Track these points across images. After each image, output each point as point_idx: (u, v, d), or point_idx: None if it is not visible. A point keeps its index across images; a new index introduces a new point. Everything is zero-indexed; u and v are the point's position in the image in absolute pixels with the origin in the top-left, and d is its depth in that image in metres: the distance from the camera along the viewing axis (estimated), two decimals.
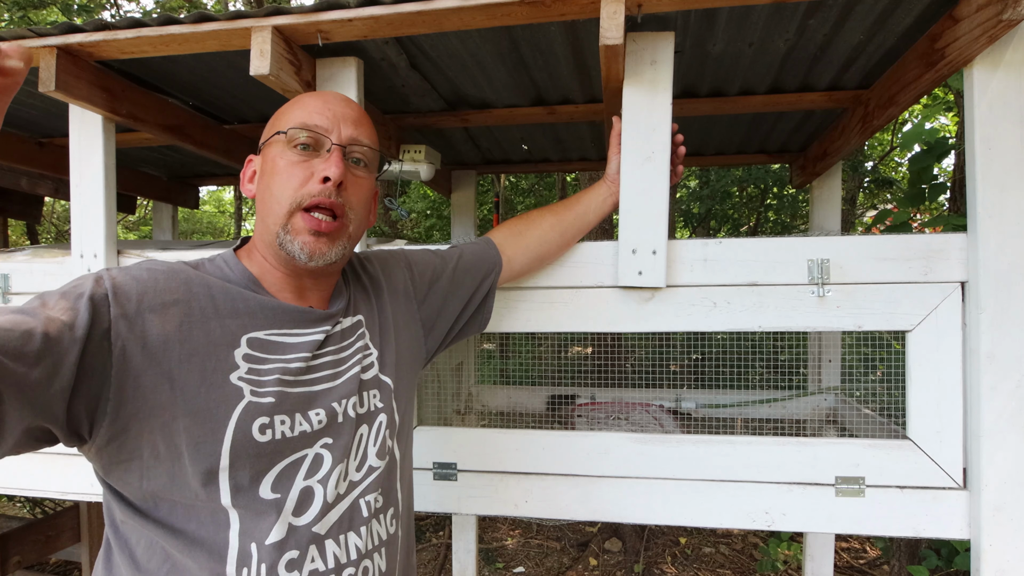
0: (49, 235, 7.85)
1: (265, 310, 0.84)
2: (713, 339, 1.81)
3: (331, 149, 0.86)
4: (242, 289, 0.84)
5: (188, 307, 0.77)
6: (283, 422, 0.79)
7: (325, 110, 0.87)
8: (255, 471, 0.77)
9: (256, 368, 0.80)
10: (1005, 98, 1.18)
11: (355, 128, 0.88)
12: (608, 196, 1.35)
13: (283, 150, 0.86)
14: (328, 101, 0.89)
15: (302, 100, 0.89)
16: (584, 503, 1.38)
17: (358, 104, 0.93)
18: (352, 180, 0.88)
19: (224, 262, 0.88)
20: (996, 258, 1.19)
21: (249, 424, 0.76)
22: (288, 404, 0.80)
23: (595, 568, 3.60)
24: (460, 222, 2.83)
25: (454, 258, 1.16)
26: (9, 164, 2.16)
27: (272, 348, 0.82)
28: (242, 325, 0.81)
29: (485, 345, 2.71)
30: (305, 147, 0.86)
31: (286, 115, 0.89)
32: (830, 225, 2.24)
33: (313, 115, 0.86)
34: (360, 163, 0.90)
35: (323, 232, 0.84)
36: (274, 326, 0.84)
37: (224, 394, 0.76)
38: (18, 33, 1.34)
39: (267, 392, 0.79)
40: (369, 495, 0.88)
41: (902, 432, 1.30)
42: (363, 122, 0.91)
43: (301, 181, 0.84)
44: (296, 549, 0.78)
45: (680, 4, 1.15)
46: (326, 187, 0.84)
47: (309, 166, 0.85)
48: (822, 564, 2.15)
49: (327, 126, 0.86)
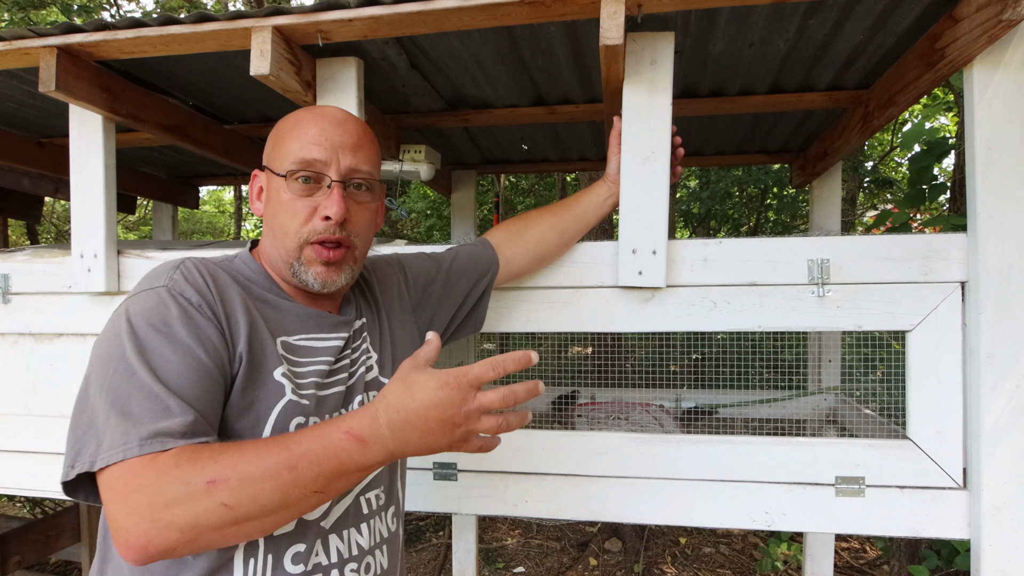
0: (49, 235, 7.85)
1: (291, 314, 0.86)
2: (713, 339, 1.81)
3: (331, 186, 0.85)
4: (266, 292, 0.86)
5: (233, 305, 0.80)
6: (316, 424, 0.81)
7: (322, 139, 0.85)
8: None
9: (292, 370, 0.82)
10: (1005, 98, 1.18)
11: (353, 155, 0.86)
12: (608, 196, 1.35)
13: (286, 183, 0.85)
14: (325, 129, 0.86)
15: (300, 129, 0.86)
16: (584, 503, 1.38)
17: (357, 120, 0.91)
18: (355, 208, 0.87)
19: (244, 264, 0.89)
20: (996, 258, 1.19)
21: (286, 423, 0.78)
22: (320, 407, 0.83)
23: (595, 568, 3.60)
24: (460, 222, 2.83)
25: (448, 260, 1.17)
26: (9, 164, 2.16)
27: (301, 352, 0.84)
28: (274, 327, 0.83)
29: (485, 345, 2.71)
30: (306, 180, 0.85)
31: (285, 144, 0.86)
32: (830, 225, 2.24)
33: (311, 148, 0.84)
34: (362, 187, 0.89)
35: (333, 261, 0.86)
36: (301, 330, 0.86)
37: (268, 390, 0.78)
38: (18, 33, 1.34)
39: (306, 394, 0.81)
40: (370, 492, 0.90)
41: (902, 432, 1.30)
42: (362, 144, 0.89)
43: (305, 218, 0.84)
44: (303, 543, 0.79)
45: (680, 4, 1.15)
46: (328, 224, 0.84)
47: (312, 201, 0.85)
48: (822, 564, 2.15)
49: (325, 158, 0.84)
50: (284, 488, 0.63)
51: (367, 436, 0.65)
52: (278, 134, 0.89)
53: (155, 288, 0.76)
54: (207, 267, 0.82)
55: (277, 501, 0.63)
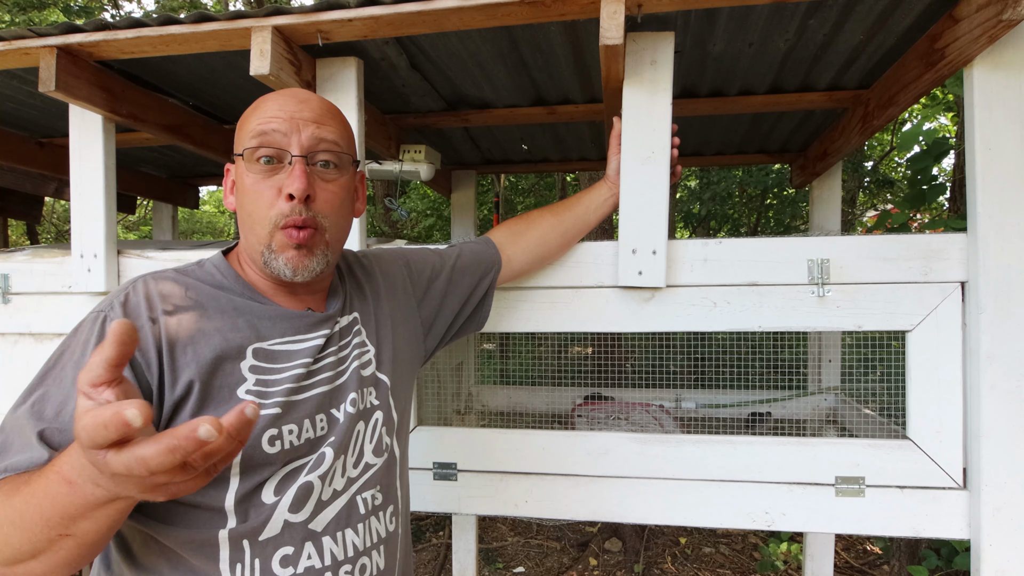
0: (49, 235, 7.85)
1: (264, 319, 0.83)
2: (713, 339, 1.81)
3: (292, 161, 0.80)
4: (236, 297, 0.83)
5: (189, 328, 0.77)
6: (291, 431, 0.80)
7: (280, 112, 0.81)
8: (262, 478, 0.78)
9: (264, 379, 0.79)
10: (1005, 98, 1.18)
11: (316, 127, 0.82)
12: (609, 196, 1.35)
13: (248, 166, 0.82)
14: (283, 103, 0.82)
15: (259, 104, 0.83)
16: (584, 503, 1.38)
17: (322, 99, 0.86)
18: (321, 187, 0.83)
19: (215, 268, 0.86)
20: (996, 258, 1.19)
21: (259, 437, 0.77)
22: (295, 412, 0.81)
23: (595, 568, 3.60)
24: (460, 222, 2.83)
25: (453, 257, 1.16)
26: (9, 164, 2.16)
27: (277, 357, 0.82)
28: (245, 337, 0.80)
29: (485, 345, 2.71)
30: (268, 160, 0.81)
31: (247, 124, 0.83)
32: (830, 225, 2.24)
33: (269, 121, 0.80)
34: (329, 165, 0.84)
35: (303, 243, 0.82)
36: (276, 334, 0.83)
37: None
38: (18, 33, 1.34)
39: (273, 403, 0.79)
40: (366, 492, 0.88)
41: (902, 432, 1.30)
42: (326, 118, 0.84)
43: (269, 201, 0.81)
44: (290, 545, 0.78)
45: (680, 4, 1.15)
46: (293, 205, 0.80)
47: (275, 182, 0.81)
48: (822, 564, 2.15)
49: (284, 130, 0.80)
50: (27, 532, 0.59)
51: (75, 477, 0.56)
52: (242, 118, 0.85)
53: (96, 311, 0.76)
54: (162, 289, 0.78)
55: (27, 547, 0.60)
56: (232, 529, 0.76)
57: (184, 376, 0.74)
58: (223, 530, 0.75)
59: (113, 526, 0.62)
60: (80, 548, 0.61)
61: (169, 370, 0.74)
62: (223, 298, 0.82)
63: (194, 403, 0.74)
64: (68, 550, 0.60)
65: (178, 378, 0.74)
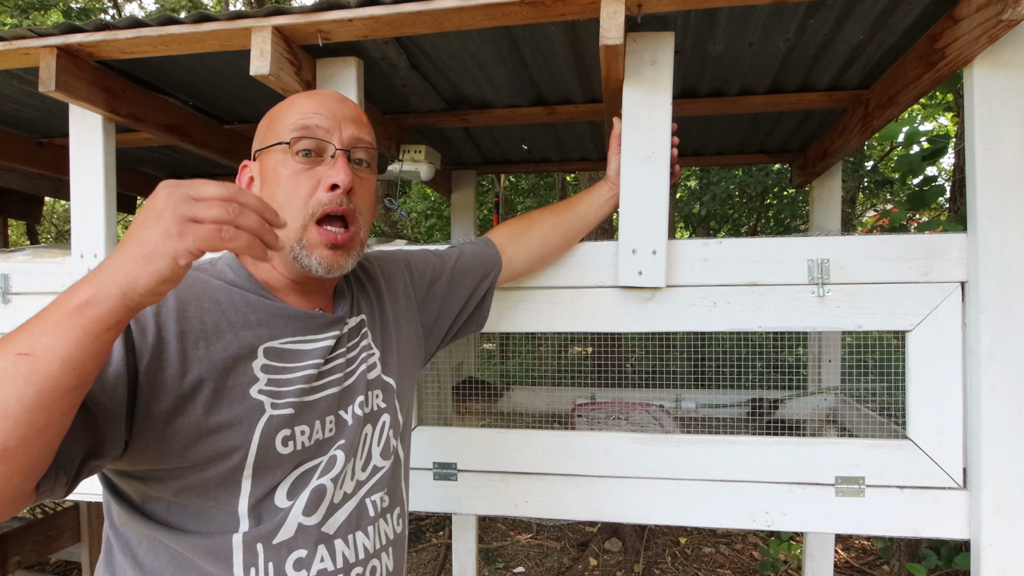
0: (49, 235, 7.85)
1: (277, 318, 0.83)
2: (713, 339, 1.81)
3: (335, 155, 0.83)
4: (249, 294, 0.83)
5: (202, 323, 0.76)
6: (303, 432, 0.80)
7: (323, 110, 0.83)
8: (275, 481, 0.78)
9: (275, 379, 0.79)
10: (1005, 98, 1.18)
11: (355, 127, 0.85)
12: (609, 197, 1.35)
13: (284, 158, 0.83)
14: (324, 101, 0.85)
15: (297, 102, 0.85)
16: (584, 503, 1.38)
17: (353, 101, 0.90)
18: (358, 183, 0.85)
19: (227, 266, 0.86)
20: (996, 258, 1.19)
21: (272, 438, 0.77)
22: (307, 413, 0.81)
23: (595, 568, 3.60)
24: (460, 222, 2.83)
25: (453, 258, 1.16)
26: (9, 164, 2.16)
27: (288, 357, 0.82)
28: (257, 335, 0.80)
29: (485, 345, 2.71)
30: (307, 153, 0.82)
31: (282, 120, 0.84)
32: (830, 225, 2.24)
33: (312, 116, 0.83)
34: (363, 164, 0.87)
35: (339, 244, 0.83)
36: (287, 333, 0.83)
37: (247, 408, 0.76)
38: (18, 33, 1.34)
39: (287, 403, 0.79)
40: (375, 494, 0.88)
41: (902, 432, 1.30)
42: (362, 120, 0.88)
43: (309, 191, 0.82)
44: (304, 548, 0.79)
45: (680, 4, 1.15)
46: (335, 195, 0.81)
47: (314, 174, 0.82)
48: (822, 564, 2.15)
49: (328, 127, 0.83)
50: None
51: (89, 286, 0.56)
52: (272, 115, 0.87)
53: None
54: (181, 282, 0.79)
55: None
56: (246, 533, 0.76)
57: (194, 371, 0.73)
58: (237, 534, 0.75)
59: (75, 390, 0.56)
60: (30, 386, 0.53)
61: (180, 359, 0.72)
62: (236, 295, 0.82)
63: (205, 402, 0.73)
64: (21, 378, 0.53)
65: (188, 371, 0.73)
